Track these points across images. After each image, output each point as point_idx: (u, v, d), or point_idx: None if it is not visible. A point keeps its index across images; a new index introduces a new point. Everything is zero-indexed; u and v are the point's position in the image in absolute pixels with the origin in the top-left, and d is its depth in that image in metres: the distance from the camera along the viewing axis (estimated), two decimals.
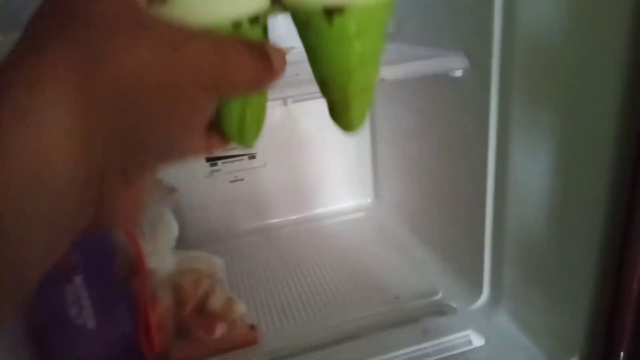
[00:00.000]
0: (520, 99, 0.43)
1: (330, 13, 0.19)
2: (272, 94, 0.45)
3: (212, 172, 0.75)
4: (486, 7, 0.43)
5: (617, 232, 0.38)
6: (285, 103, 0.75)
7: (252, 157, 0.76)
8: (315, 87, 0.22)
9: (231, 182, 0.76)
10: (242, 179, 0.77)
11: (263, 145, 0.76)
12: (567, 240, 0.42)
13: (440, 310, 0.53)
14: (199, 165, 0.74)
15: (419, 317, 0.52)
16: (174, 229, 0.56)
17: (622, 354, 0.41)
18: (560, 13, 0.37)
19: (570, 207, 0.41)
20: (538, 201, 0.44)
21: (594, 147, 0.37)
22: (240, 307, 0.52)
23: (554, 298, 0.45)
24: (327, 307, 0.57)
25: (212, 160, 0.74)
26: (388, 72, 0.46)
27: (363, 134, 0.80)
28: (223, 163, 0.75)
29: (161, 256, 0.53)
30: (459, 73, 0.49)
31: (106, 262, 0.44)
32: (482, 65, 0.46)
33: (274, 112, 0.75)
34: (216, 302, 0.52)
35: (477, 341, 0.48)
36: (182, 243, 0.74)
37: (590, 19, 0.35)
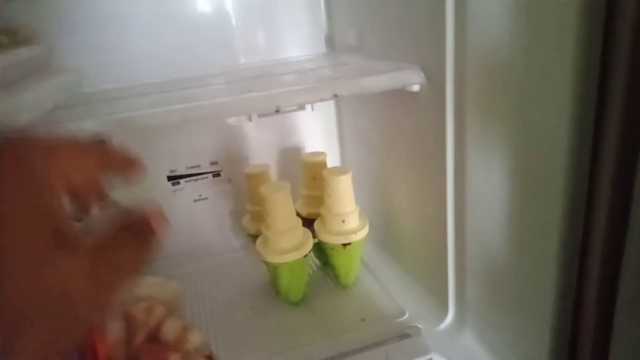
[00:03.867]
0: (474, 112, 0.42)
1: (345, 245, 0.57)
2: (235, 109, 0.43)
3: (174, 191, 0.72)
4: (439, 23, 0.42)
5: (575, 248, 0.37)
6: (249, 119, 0.74)
7: (216, 174, 0.74)
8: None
9: (195, 201, 0.74)
10: (206, 198, 0.74)
11: (229, 161, 0.74)
12: (525, 255, 0.41)
13: (405, 333, 0.51)
14: (161, 183, 0.71)
15: (384, 341, 0.50)
16: None
17: None
18: (508, 28, 0.36)
19: (527, 221, 0.40)
20: (496, 215, 0.42)
21: (548, 159, 0.36)
22: (196, 337, 0.49)
23: (517, 317, 0.43)
24: (291, 333, 0.55)
25: (174, 179, 0.72)
26: (342, 87, 0.44)
27: (332, 154, 0.78)
28: (186, 181, 0.73)
29: None
30: (416, 88, 0.48)
31: None
32: (437, 79, 0.45)
33: (243, 127, 0.73)
34: (169, 332, 0.49)
35: None
36: None
37: (537, 33, 0.35)
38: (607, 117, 0.33)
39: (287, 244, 0.54)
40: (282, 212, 0.54)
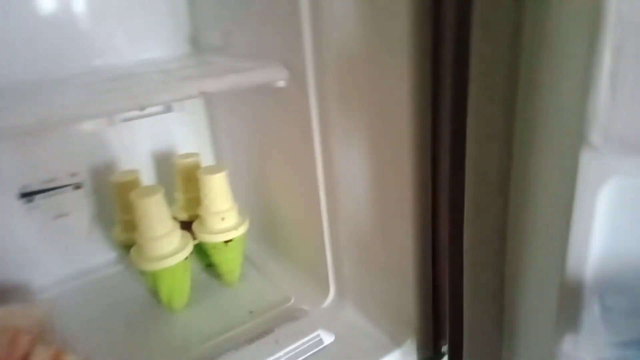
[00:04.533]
0: (335, 105, 0.46)
1: (226, 242, 0.58)
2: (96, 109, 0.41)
3: (28, 209, 0.65)
4: (296, 21, 0.45)
5: (427, 216, 0.43)
6: (110, 123, 0.70)
7: (77, 187, 0.68)
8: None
9: (55, 217, 0.67)
10: (67, 214, 0.68)
11: (92, 171, 0.69)
12: (388, 228, 0.46)
13: (292, 316, 0.54)
14: (10, 203, 0.63)
15: (272, 327, 0.52)
16: None
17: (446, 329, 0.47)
18: (357, 26, 0.41)
19: (385, 200, 0.45)
20: (361, 201, 0.47)
21: (397, 143, 0.42)
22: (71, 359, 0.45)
23: (386, 284, 0.49)
24: (177, 339, 0.53)
25: (27, 196, 0.64)
26: (209, 84, 0.45)
27: (205, 155, 0.77)
28: (42, 197, 0.66)
29: None
30: (282, 84, 0.50)
31: None
32: (299, 75, 0.48)
33: (105, 133, 0.69)
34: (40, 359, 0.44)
35: (328, 339, 0.50)
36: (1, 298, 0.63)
37: (380, 30, 0.39)
38: (440, 104, 0.40)
39: (165, 249, 0.53)
40: (157, 217, 0.52)
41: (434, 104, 0.40)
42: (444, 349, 0.50)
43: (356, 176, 0.46)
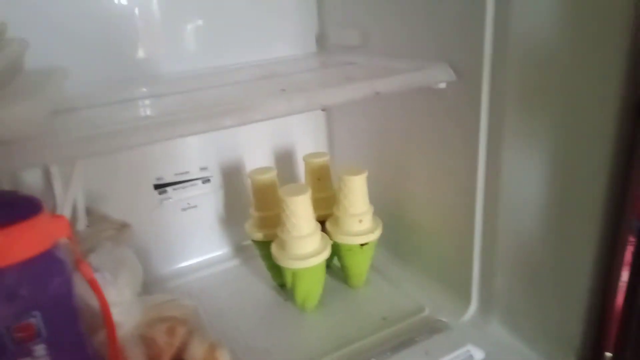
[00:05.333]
0: (512, 108, 0.44)
1: (363, 245, 0.57)
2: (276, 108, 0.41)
3: (161, 200, 0.67)
4: (476, 19, 0.43)
5: (610, 238, 0.40)
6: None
7: (206, 180, 0.70)
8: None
9: (183, 210, 0.69)
10: (195, 206, 0.70)
11: (219, 166, 0.70)
12: (561, 247, 0.43)
13: (434, 327, 0.52)
14: (147, 194, 0.65)
15: (415, 337, 0.50)
16: (139, 273, 0.48)
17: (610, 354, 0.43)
18: (554, 19, 0.38)
19: (565, 214, 0.42)
20: (532, 210, 0.44)
21: (589, 155, 0.39)
22: (225, 355, 0.46)
23: (549, 304, 0.46)
24: (315, 339, 0.53)
25: (161, 188, 0.67)
26: (382, 85, 0.44)
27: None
28: (174, 189, 0.68)
29: (126, 306, 0.45)
30: (443, 85, 0.48)
31: (71, 322, 0.36)
32: (470, 76, 0.46)
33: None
34: (196, 352, 0.45)
35: (478, 355, 0.47)
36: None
37: (585, 26, 0.36)
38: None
39: (308, 248, 0.53)
40: (305, 216, 0.52)
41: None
42: None
43: (530, 184, 0.44)
